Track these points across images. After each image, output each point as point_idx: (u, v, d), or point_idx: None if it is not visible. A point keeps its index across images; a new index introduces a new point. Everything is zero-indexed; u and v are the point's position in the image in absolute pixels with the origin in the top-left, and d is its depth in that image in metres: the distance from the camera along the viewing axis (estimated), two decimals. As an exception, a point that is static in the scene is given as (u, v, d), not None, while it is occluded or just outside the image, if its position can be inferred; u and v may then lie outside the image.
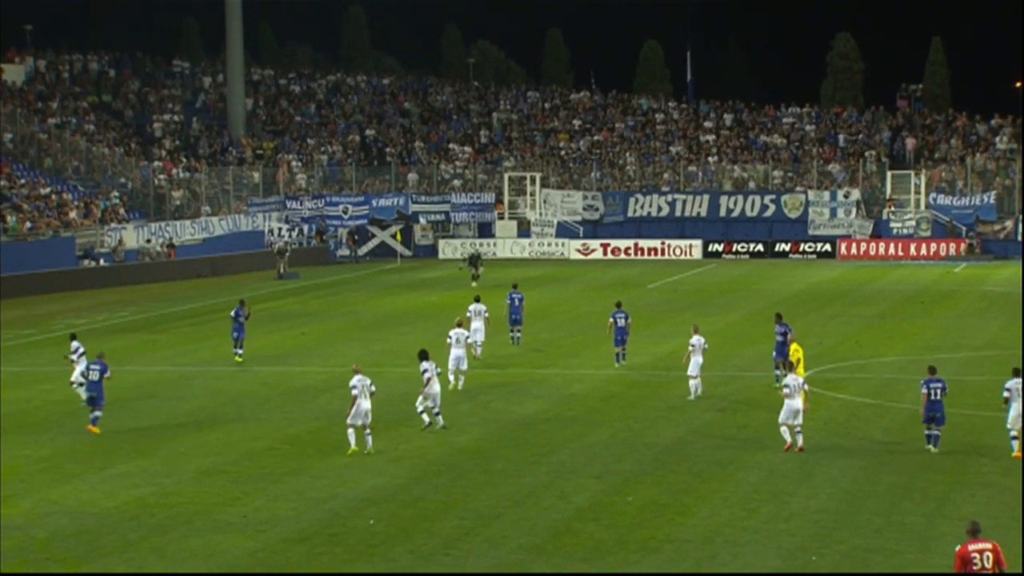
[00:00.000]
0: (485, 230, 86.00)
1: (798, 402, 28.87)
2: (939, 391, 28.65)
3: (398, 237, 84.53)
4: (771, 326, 38.00)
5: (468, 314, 42.12)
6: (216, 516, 24.48)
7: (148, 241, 74.47)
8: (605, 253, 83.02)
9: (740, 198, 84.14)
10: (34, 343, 48.90)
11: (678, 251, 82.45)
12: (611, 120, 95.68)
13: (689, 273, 72.96)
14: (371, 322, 51.69)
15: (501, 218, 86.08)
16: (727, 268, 75.72)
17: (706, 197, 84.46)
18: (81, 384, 34.15)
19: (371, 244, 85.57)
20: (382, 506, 25.08)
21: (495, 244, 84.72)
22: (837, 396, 35.61)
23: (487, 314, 42.34)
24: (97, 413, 32.09)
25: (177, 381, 39.93)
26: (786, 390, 29.11)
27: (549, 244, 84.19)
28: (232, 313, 43.12)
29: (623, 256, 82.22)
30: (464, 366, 37.21)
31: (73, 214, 74.10)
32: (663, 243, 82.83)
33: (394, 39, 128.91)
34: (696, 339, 35.40)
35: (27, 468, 28.62)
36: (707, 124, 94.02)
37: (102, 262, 71.27)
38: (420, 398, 31.73)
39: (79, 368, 34.89)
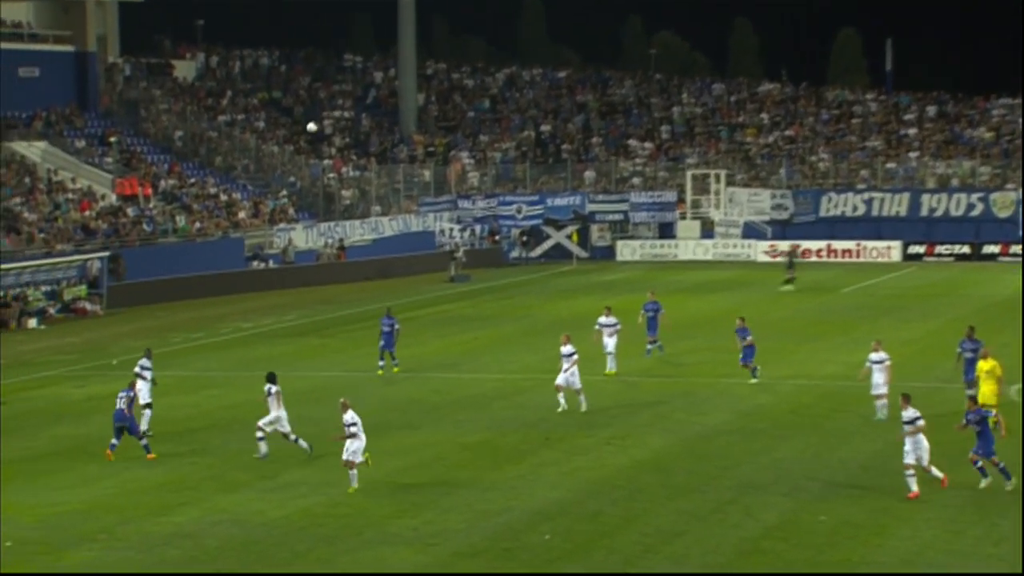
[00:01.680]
0: (666, 231, 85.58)
1: (921, 438, 26.46)
2: None
3: (574, 238, 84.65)
4: (977, 335, 36.71)
5: (597, 327, 41.40)
6: (385, 528, 24.80)
7: (325, 245, 75.96)
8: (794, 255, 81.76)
9: (944, 196, 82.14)
10: (202, 347, 50.29)
11: (875, 253, 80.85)
12: (802, 113, 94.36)
13: (887, 277, 71.48)
14: (546, 327, 51.86)
15: (683, 218, 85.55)
16: (929, 271, 73.99)
17: (906, 195, 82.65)
18: (147, 406, 32.88)
19: (546, 245, 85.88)
20: (557, 521, 25.11)
21: (677, 246, 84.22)
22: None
23: (619, 327, 41.44)
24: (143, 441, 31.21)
25: (345, 387, 40.59)
26: (906, 426, 26.46)
27: (734, 246, 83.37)
28: (380, 321, 43.00)
29: (814, 258, 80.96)
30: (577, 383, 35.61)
31: (242, 214, 76.07)
32: (858, 245, 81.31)
33: (572, 30, 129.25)
34: (877, 355, 33.92)
35: (195, 475, 29.43)
36: (908, 117, 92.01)
37: (271, 263, 72.97)
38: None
39: (141, 387, 33.02)
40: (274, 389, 30.75)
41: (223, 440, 33.13)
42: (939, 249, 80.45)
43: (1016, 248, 78.63)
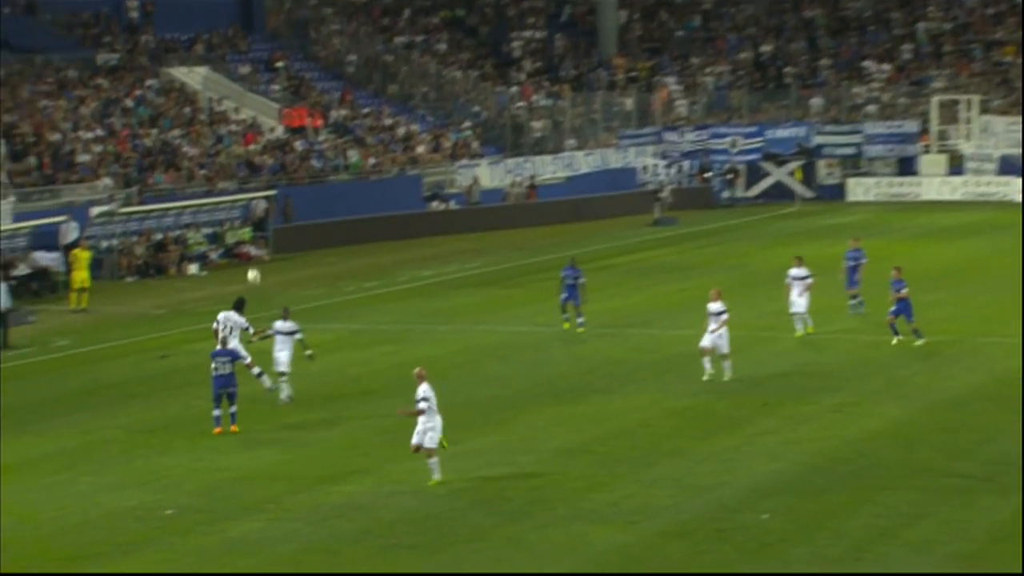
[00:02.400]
0: (906, 166, 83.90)
1: None
2: None
3: (797, 175, 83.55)
4: None
5: (787, 280, 40.30)
6: (581, 503, 24.89)
7: (513, 183, 76.32)
8: (1059, 194, 79.46)
9: None
10: (376, 297, 51.09)
11: None
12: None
13: None
14: (763, 277, 51.32)
15: (927, 152, 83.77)
16: None
17: None
18: (283, 374, 32.98)
19: (764, 184, 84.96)
20: (778, 498, 24.92)
21: (919, 184, 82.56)
22: None
23: (811, 280, 40.05)
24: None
25: (535, 344, 40.85)
26: None
27: (988, 183, 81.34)
28: (561, 273, 42.59)
29: (1082, 198, 78.52)
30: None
31: (421, 148, 76.87)
32: None
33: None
34: None
35: (369, 440, 29.95)
36: None
37: (452, 204, 73.59)
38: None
39: (277, 350, 33.14)
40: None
41: (398, 403, 33.58)
42: None
43: None
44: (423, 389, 26.48)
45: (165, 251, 58.87)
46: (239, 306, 33.68)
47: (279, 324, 33.51)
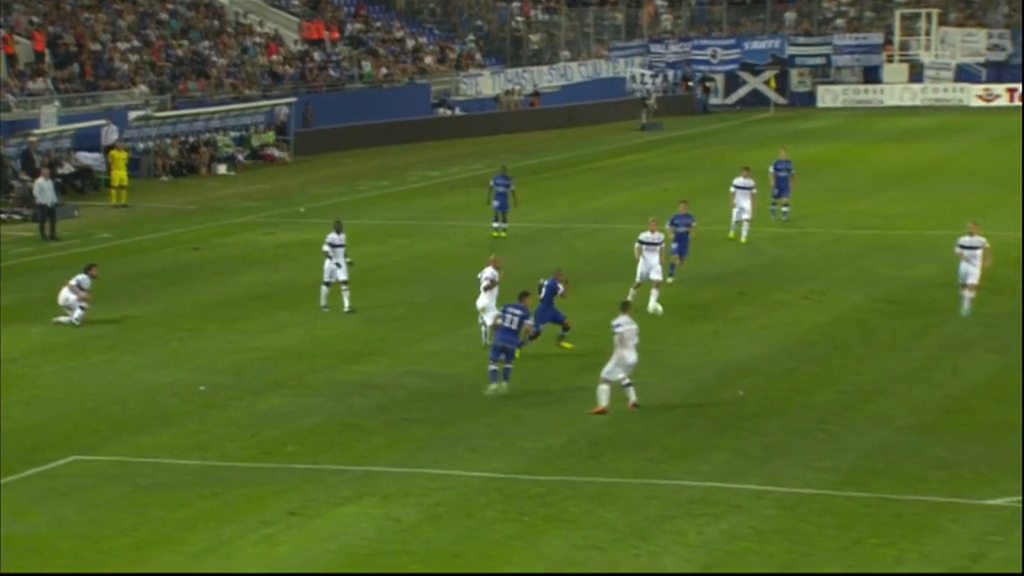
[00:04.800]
0: (871, 75, 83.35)
1: None
2: None
3: (771, 84, 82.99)
4: None
5: (732, 188, 38.58)
6: (575, 382, 24.90)
7: (507, 92, 75.82)
8: (1011, 99, 79.04)
9: None
10: (389, 195, 50.96)
11: (1100, 97, 77.63)
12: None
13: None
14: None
15: (890, 61, 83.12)
16: None
17: None
18: (344, 284, 30.29)
19: (742, 92, 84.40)
20: (752, 377, 25.02)
21: (882, 91, 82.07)
22: None
23: (755, 190, 38.41)
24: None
25: (533, 238, 40.80)
26: None
27: (945, 90, 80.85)
28: (491, 182, 41.33)
29: (1031, 104, 78.06)
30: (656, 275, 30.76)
31: (428, 59, 76.30)
32: (1081, 89, 78.13)
33: None
34: (972, 239, 29.08)
35: (385, 326, 30.00)
36: None
37: (457, 111, 73.23)
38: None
39: (332, 264, 30.72)
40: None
41: (412, 291, 33.66)
42: None
43: None
44: (489, 272, 27.44)
45: (196, 152, 58.62)
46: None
47: (333, 237, 31.00)
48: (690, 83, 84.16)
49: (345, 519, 18.69)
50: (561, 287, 27.09)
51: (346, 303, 30.79)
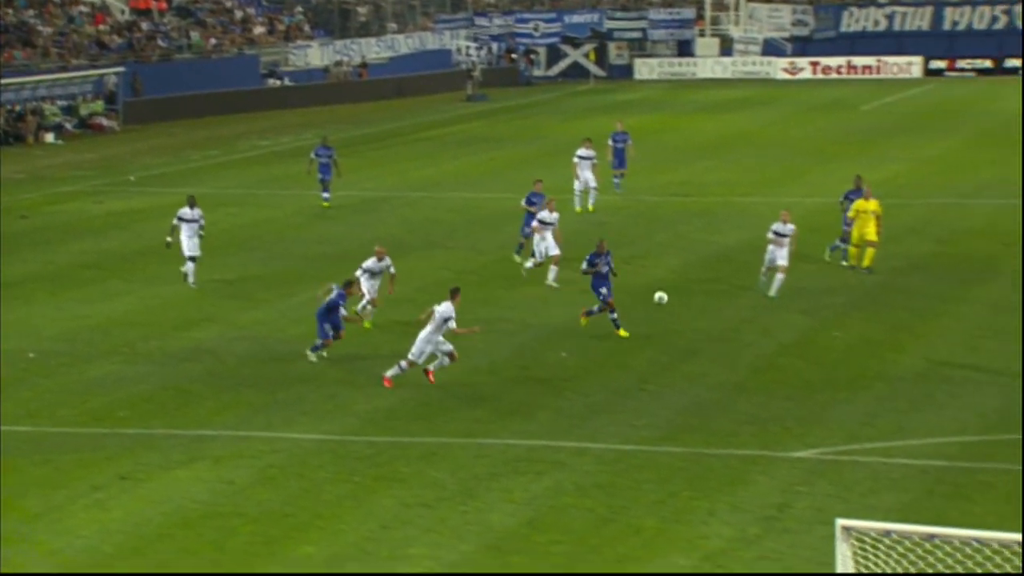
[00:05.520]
0: (684, 48, 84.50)
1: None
2: None
3: (591, 56, 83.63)
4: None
5: (575, 160, 38.37)
6: (404, 346, 24.85)
7: (337, 64, 75.08)
8: (815, 72, 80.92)
9: (967, 9, 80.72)
10: (219, 164, 50.16)
11: (895, 69, 79.84)
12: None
13: (907, 93, 70.69)
14: (562, 148, 51.41)
15: (702, 35, 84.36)
16: (950, 87, 73.10)
17: (929, 9, 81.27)
18: (192, 258, 29.50)
19: (563, 64, 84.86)
20: (576, 340, 25.24)
21: (695, 64, 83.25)
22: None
23: (596, 160, 38.25)
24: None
25: (363, 206, 40.57)
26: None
27: (753, 63, 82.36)
28: (313, 153, 40.27)
29: (834, 75, 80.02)
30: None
31: (257, 30, 75.12)
32: (879, 61, 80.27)
33: None
34: (785, 226, 28.27)
35: (216, 293, 29.56)
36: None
37: (287, 81, 72.30)
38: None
39: (184, 237, 29.74)
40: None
41: (243, 259, 33.22)
42: (960, 64, 79.34)
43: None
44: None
45: (23, 121, 56.98)
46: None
47: (184, 211, 30.06)
48: (514, 55, 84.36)
49: (177, 482, 18.42)
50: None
51: (190, 278, 29.87)
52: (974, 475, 18.50)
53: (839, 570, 11.84)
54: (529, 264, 30.17)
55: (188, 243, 29.81)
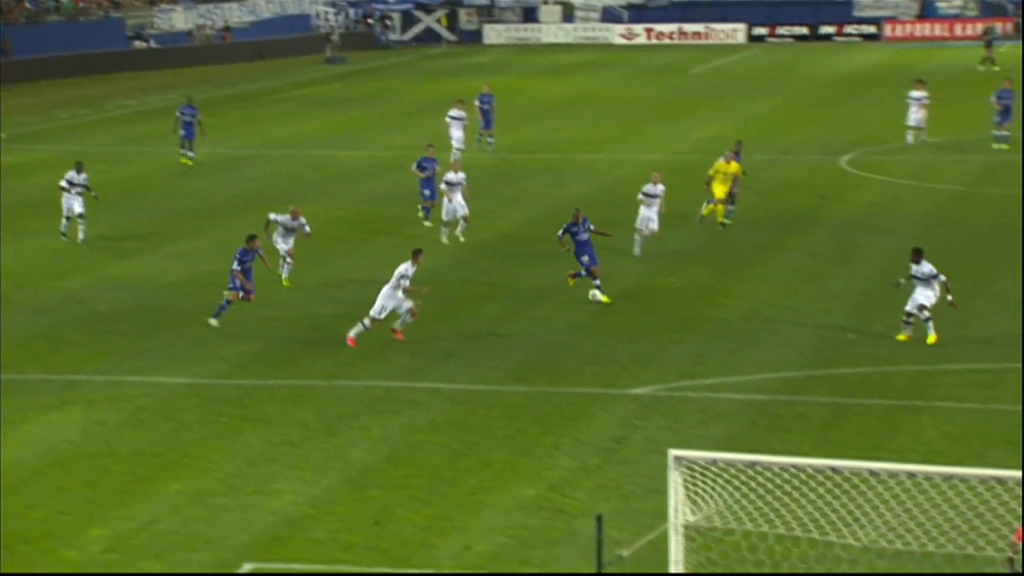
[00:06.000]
0: (529, 14, 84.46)
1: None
2: None
3: (443, 22, 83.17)
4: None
5: (447, 120, 38.25)
6: (266, 293, 24.64)
7: (201, 27, 73.59)
8: (649, 38, 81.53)
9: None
10: (88, 123, 48.92)
11: (722, 35, 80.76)
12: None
13: (732, 58, 71.65)
14: (417, 108, 51.26)
15: (546, 3, 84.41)
16: (771, 53, 74.25)
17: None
18: (80, 216, 28.71)
19: (417, 29, 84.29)
20: (431, 287, 25.14)
21: (540, 29, 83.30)
22: (880, 178, 35.40)
23: (466, 122, 38.31)
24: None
25: (229, 163, 39.98)
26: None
27: (593, 29, 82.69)
28: (177, 112, 39.39)
29: (667, 41, 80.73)
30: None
31: (123, -5, 73.20)
32: (707, 28, 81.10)
33: None
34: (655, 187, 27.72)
35: (86, 246, 28.89)
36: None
37: (153, 44, 70.72)
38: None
39: (68, 202, 28.85)
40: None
41: (112, 213, 32.49)
42: (780, 31, 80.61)
43: (850, 28, 79.04)
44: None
45: None
46: None
47: (72, 175, 29.13)
48: (370, 20, 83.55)
49: (51, 425, 18.08)
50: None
51: (81, 234, 28.98)
52: (792, 407, 19.01)
53: (671, 495, 12.09)
54: (444, 240, 28.94)
55: (75, 204, 28.76)
